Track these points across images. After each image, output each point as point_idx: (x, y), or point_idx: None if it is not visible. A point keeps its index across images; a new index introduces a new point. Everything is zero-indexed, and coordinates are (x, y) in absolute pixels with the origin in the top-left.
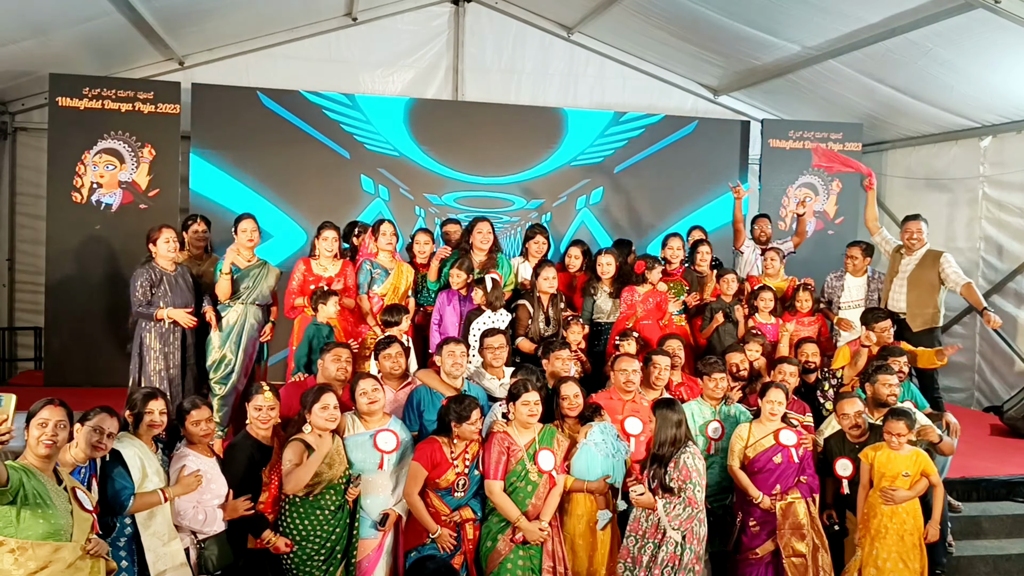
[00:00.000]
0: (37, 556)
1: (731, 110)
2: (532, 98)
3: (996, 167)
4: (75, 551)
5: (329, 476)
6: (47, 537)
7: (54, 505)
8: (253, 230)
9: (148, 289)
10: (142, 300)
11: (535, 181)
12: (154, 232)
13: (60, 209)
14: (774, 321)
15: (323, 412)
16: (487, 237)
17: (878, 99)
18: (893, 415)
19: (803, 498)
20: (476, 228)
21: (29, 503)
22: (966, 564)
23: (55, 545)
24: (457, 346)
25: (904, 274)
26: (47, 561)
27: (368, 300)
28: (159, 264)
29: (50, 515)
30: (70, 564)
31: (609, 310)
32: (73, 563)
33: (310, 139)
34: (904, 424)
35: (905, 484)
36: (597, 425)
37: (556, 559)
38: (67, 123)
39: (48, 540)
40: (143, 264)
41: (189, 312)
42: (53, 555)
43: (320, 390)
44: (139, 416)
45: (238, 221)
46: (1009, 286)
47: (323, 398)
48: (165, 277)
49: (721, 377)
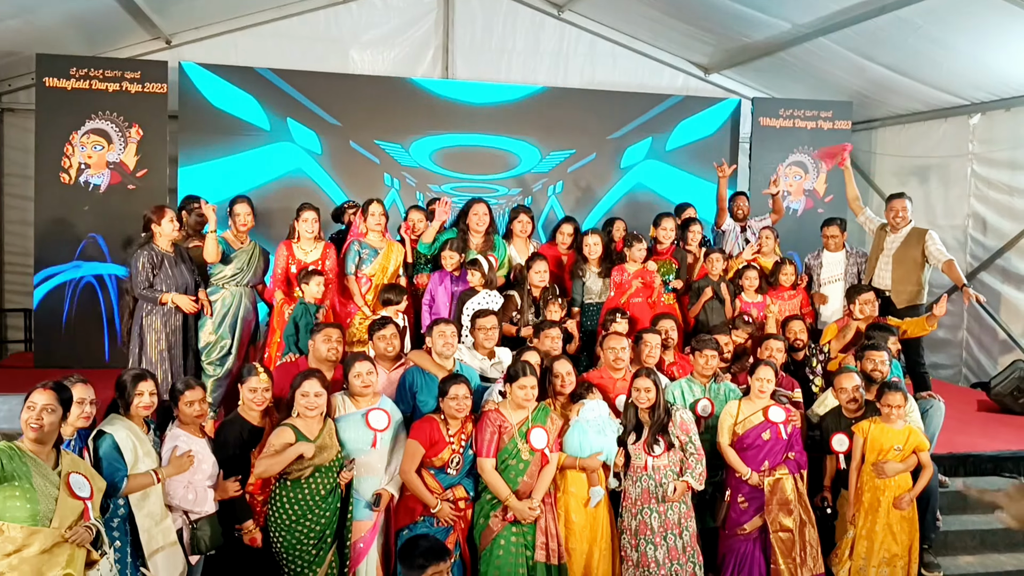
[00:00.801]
0: (11, 539)
1: (722, 88)
2: (523, 77)
3: (985, 145)
4: (52, 537)
5: (319, 460)
6: (23, 520)
7: (35, 489)
8: (247, 213)
9: (150, 271)
10: (144, 283)
11: (511, 180)
12: (154, 214)
13: (48, 190)
14: (759, 299)
15: (303, 399)
16: (483, 219)
17: (868, 77)
18: (890, 388)
19: (791, 474)
20: (472, 210)
21: (6, 484)
22: (953, 538)
23: (30, 529)
24: (448, 327)
25: (889, 252)
26: (20, 545)
27: (356, 281)
28: (159, 245)
29: (29, 498)
30: (45, 550)
31: (599, 290)
32: (49, 549)
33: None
34: (901, 396)
35: (897, 458)
36: (589, 403)
37: (549, 535)
38: (54, 104)
39: (24, 524)
40: (142, 246)
41: (193, 300)
42: (27, 539)
43: (304, 376)
44: (129, 398)
45: (233, 204)
46: (996, 263)
47: (304, 384)
48: (166, 259)
49: (712, 354)
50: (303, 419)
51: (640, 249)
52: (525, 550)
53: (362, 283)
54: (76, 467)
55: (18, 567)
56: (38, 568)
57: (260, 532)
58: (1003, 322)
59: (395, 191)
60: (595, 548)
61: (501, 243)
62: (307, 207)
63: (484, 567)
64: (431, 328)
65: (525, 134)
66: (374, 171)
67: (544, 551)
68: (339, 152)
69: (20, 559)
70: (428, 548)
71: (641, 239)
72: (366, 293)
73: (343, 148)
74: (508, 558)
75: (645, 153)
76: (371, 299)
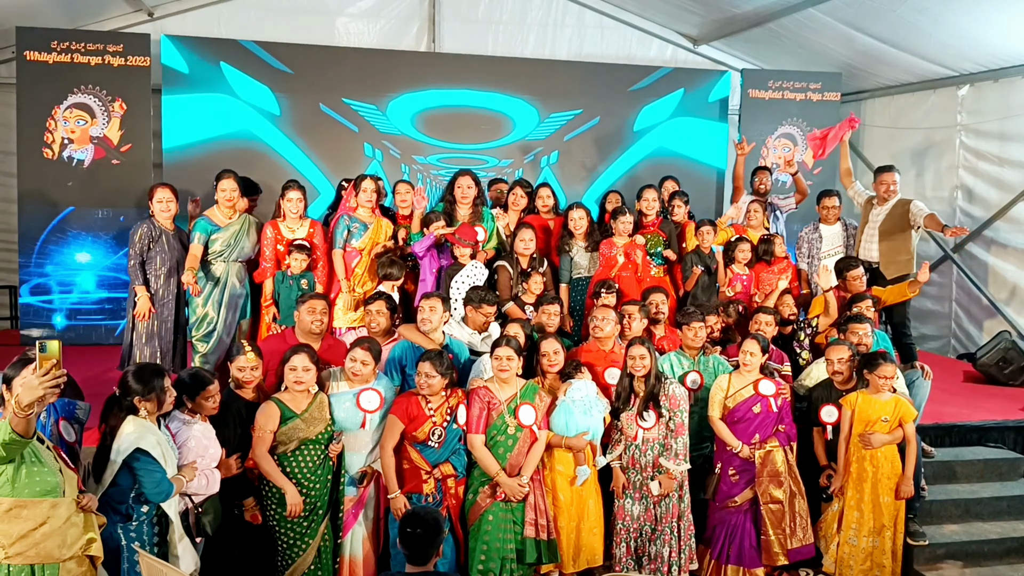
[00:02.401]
0: (35, 515)
1: (711, 60)
2: (509, 49)
3: (973, 116)
4: (70, 507)
5: (306, 434)
6: (44, 495)
7: (46, 461)
8: (233, 189)
9: (147, 244)
10: (137, 256)
11: (502, 148)
12: (151, 190)
13: (31, 165)
14: (749, 272)
15: (291, 374)
16: (469, 191)
17: (857, 48)
18: (883, 359)
19: (781, 446)
20: (457, 182)
21: (26, 460)
22: (939, 508)
23: (52, 502)
24: (435, 301)
25: (875, 224)
26: (45, 518)
27: (345, 255)
28: (158, 221)
29: (45, 472)
30: (66, 519)
31: (587, 265)
32: (68, 518)
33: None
34: (892, 367)
35: (884, 429)
36: (576, 382)
37: (538, 512)
38: (36, 77)
39: (45, 497)
40: (145, 218)
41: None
42: (50, 511)
43: (294, 351)
44: (161, 395)
45: (218, 179)
46: (984, 234)
47: (293, 359)
48: (164, 235)
49: (700, 326)
50: (290, 393)
51: (626, 222)
52: (514, 526)
53: (351, 257)
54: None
55: (41, 543)
56: (63, 538)
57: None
58: (990, 293)
59: (377, 162)
60: (583, 526)
61: (489, 215)
62: (293, 186)
63: (473, 543)
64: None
65: (522, 91)
66: (352, 140)
67: (533, 527)
68: (306, 116)
69: (43, 534)
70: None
71: (627, 212)
72: (355, 267)
73: (310, 111)
74: (497, 533)
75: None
76: (360, 273)
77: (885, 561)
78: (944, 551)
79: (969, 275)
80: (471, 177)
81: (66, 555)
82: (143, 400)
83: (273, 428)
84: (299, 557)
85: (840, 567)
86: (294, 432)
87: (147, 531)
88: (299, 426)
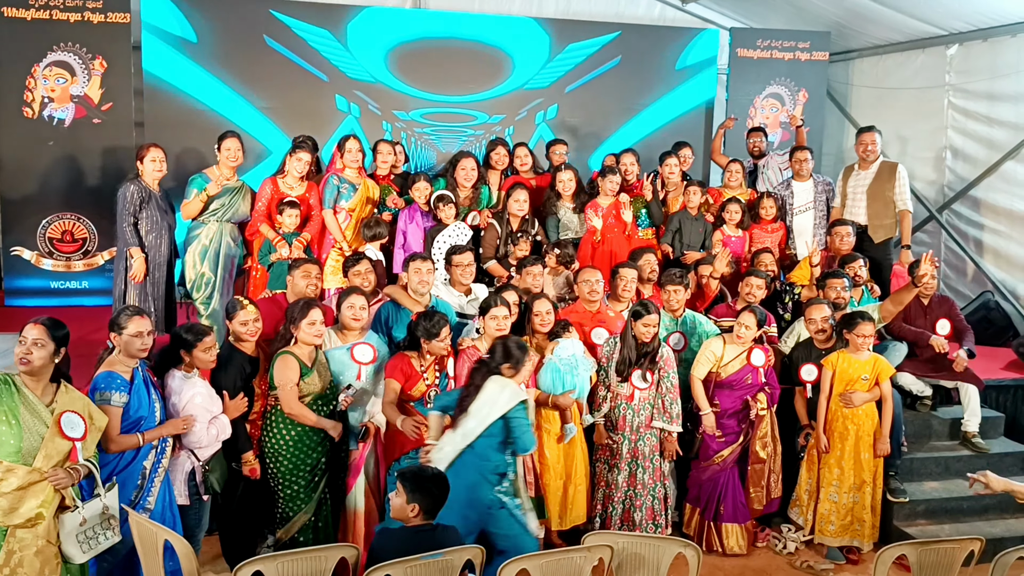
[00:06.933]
0: None
1: (699, 18)
2: (496, 7)
3: (962, 75)
4: (28, 476)
5: (316, 388)
6: (6, 456)
7: (21, 424)
8: (237, 149)
9: (137, 204)
10: (129, 216)
11: (494, 101)
12: (141, 150)
13: (11, 125)
14: (740, 234)
15: (311, 328)
16: (471, 174)
17: (846, 6)
18: (862, 318)
19: (767, 408)
20: (460, 165)
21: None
22: (919, 465)
23: (7, 465)
24: (424, 263)
25: (863, 187)
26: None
27: (335, 215)
28: (146, 182)
29: (14, 433)
30: (22, 487)
31: (576, 226)
32: (26, 487)
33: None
34: (872, 326)
35: (864, 387)
36: (563, 341)
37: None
38: (14, 35)
39: (5, 459)
40: (132, 179)
41: None
42: (3, 474)
43: (307, 305)
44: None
45: (222, 139)
46: (971, 194)
47: (311, 314)
48: (153, 197)
49: (676, 289)
50: (300, 346)
51: (613, 181)
52: None
53: (341, 217)
54: (72, 405)
55: None
56: (11, 503)
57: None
58: (973, 253)
59: (354, 118)
60: (570, 484)
61: (487, 194)
62: (303, 147)
63: None
64: (406, 263)
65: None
66: (322, 90)
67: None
68: (245, 55)
69: None
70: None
71: (615, 171)
72: (346, 228)
73: (252, 44)
74: None
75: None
76: (350, 234)
77: (865, 516)
78: (924, 507)
79: (954, 235)
80: (473, 160)
81: (14, 522)
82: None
83: (295, 379)
84: (300, 511)
85: (822, 523)
86: (308, 387)
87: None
88: (313, 380)
